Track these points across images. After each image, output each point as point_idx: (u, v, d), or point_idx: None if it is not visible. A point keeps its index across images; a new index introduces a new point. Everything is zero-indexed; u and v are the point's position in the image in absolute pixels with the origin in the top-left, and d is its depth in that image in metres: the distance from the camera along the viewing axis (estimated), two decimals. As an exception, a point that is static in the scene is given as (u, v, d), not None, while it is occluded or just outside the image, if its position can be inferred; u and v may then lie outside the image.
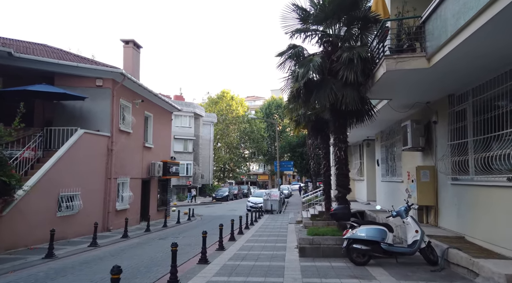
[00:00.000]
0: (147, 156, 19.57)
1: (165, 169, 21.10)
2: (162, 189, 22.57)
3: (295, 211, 28.71)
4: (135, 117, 17.95)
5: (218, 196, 43.03)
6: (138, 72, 19.55)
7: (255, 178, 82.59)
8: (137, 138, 18.40)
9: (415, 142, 11.39)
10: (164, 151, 22.46)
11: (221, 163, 63.60)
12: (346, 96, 9.28)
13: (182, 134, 45.87)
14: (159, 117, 21.49)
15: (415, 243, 7.90)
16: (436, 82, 8.79)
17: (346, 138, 10.41)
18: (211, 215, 26.73)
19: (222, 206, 35.51)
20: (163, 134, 22.17)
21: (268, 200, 27.01)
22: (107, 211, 15.24)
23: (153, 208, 20.54)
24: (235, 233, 14.85)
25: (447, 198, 10.12)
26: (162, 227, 17.82)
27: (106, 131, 15.43)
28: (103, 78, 15.42)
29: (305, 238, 9.36)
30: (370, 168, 21.15)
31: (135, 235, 14.69)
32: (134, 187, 17.94)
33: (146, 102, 19.47)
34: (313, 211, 19.72)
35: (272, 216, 24.29)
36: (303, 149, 41.90)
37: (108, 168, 15.39)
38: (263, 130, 67.29)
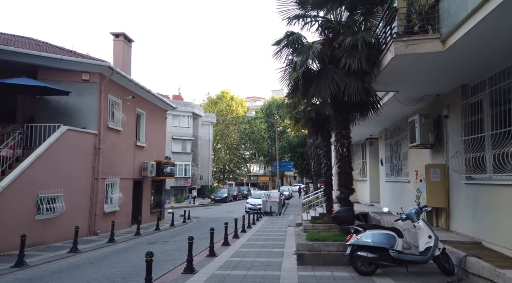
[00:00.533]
0: (139, 156, 18.65)
1: (158, 169, 20.17)
2: (156, 190, 21.63)
3: (296, 213, 27.76)
4: (126, 114, 17.04)
5: (217, 198, 42.06)
6: (130, 67, 18.65)
7: (256, 179, 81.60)
8: (128, 136, 17.48)
9: (424, 138, 10.44)
10: (159, 151, 21.53)
11: (221, 164, 62.69)
12: (349, 86, 8.35)
13: (180, 134, 44.95)
14: (153, 115, 20.58)
15: (428, 250, 6.96)
16: (449, 69, 7.86)
17: (349, 134, 9.48)
18: (208, 217, 25.80)
19: (221, 208, 34.57)
20: (157, 133, 21.25)
21: (267, 202, 26.07)
22: (94, 214, 14.31)
23: (146, 210, 19.62)
24: (230, 237, 13.93)
25: (461, 199, 9.18)
26: (154, 230, 16.89)
27: (93, 128, 14.52)
28: (90, 72, 14.51)
29: (303, 244, 8.42)
30: (373, 167, 20.21)
31: (123, 239, 13.75)
32: (124, 188, 17.02)
33: (138, 99, 18.55)
34: (314, 213, 18.77)
35: (271, 218, 23.35)
36: (304, 149, 40.96)
37: (95, 168, 14.46)
38: (264, 131, 66.37)
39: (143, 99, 19.24)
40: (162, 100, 20.98)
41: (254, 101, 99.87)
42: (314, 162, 24.48)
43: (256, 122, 65.64)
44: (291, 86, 9.77)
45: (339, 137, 9.35)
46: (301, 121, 15.33)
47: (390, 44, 7.28)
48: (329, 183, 14.54)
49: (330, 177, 14.54)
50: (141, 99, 18.93)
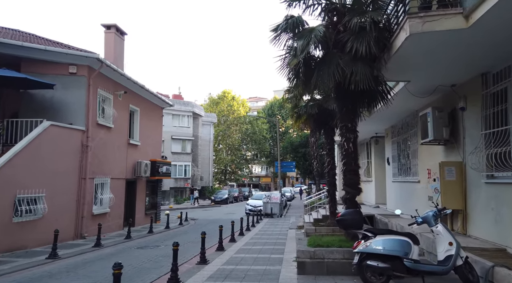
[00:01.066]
0: (132, 154, 17.74)
1: (153, 168, 19.24)
2: (152, 191, 20.71)
3: (297, 214, 26.78)
4: (118, 111, 16.13)
5: (217, 199, 41.07)
6: (122, 61, 17.74)
7: (258, 181, 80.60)
8: (120, 134, 16.57)
9: (438, 133, 9.48)
10: (154, 150, 20.62)
11: (222, 164, 61.74)
12: (356, 72, 7.39)
13: (180, 134, 44.04)
14: (147, 113, 19.66)
15: (449, 258, 5.99)
16: (470, 52, 6.90)
17: (355, 128, 8.51)
18: (206, 218, 24.86)
19: (220, 209, 33.62)
20: (152, 131, 20.34)
21: (268, 203, 25.12)
22: (81, 216, 13.39)
23: (140, 212, 18.69)
24: (226, 240, 13.00)
25: (480, 200, 8.20)
26: (147, 233, 15.96)
27: (81, 125, 13.61)
28: (77, 65, 13.60)
29: (305, 251, 7.46)
30: (379, 167, 19.24)
31: (111, 243, 12.82)
32: (116, 188, 16.10)
33: (131, 95, 17.64)
34: (317, 215, 17.80)
35: (272, 220, 22.39)
36: (306, 149, 39.97)
37: (83, 167, 13.54)
38: (265, 132, 65.42)
39: (137, 95, 18.33)
40: (157, 97, 20.07)
41: (256, 101, 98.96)
42: (317, 161, 23.59)
43: (258, 122, 64.70)
44: (291, 74, 8.80)
45: (344, 131, 8.39)
46: (302, 118, 14.39)
47: (404, 22, 6.32)
48: (333, 183, 13.59)
49: (334, 177, 13.58)
50: (134, 95, 18.02)
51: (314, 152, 23.74)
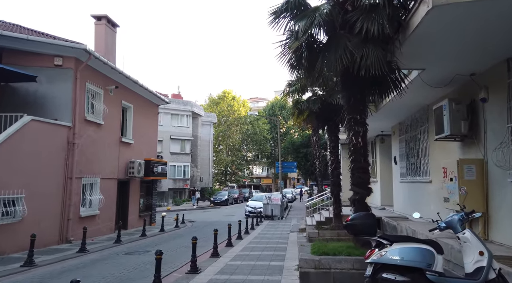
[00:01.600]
0: (125, 153, 16.82)
1: (148, 168, 18.31)
2: (147, 192, 19.78)
3: (299, 216, 25.83)
4: (109, 107, 15.22)
5: (217, 200, 40.09)
6: (114, 54, 16.81)
7: (258, 182, 79.62)
8: (112, 131, 15.66)
9: (455, 127, 8.51)
10: (149, 149, 19.70)
11: (222, 165, 60.78)
12: (367, 56, 6.46)
13: (179, 134, 43.11)
14: (142, 110, 18.75)
15: (479, 271, 5.02)
16: (499, 30, 5.98)
17: (364, 120, 7.58)
18: (204, 221, 23.93)
19: (220, 211, 32.68)
20: (147, 129, 19.42)
21: (269, 204, 24.16)
22: (67, 218, 12.46)
23: (133, 214, 17.76)
24: (222, 245, 12.08)
25: (506, 201, 7.25)
26: (140, 236, 15.02)
27: (67, 121, 12.69)
28: (63, 57, 12.70)
29: (308, 259, 6.53)
30: (385, 167, 18.29)
31: (98, 248, 11.89)
32: (107, 189, 15.18)
33: (124, 90, 16.74)
34: (319, 217, 16.86)
35: (273, 223, 21.44)
36: (308, 150, 38.99)
37: (69, 165, 12.62)
38: (266, 132, 64.44)
39: (130, 91, 17.41)
40: (152, 94, 19.14)
41: (256, 102, 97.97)
42: (319, 161, 22.64)
43: (259, 123, 63.75)
44: (293, 61, 7.86)
45: (353, 124, 7.46)
46: (304, 114, 13.47)
47: (426, -8, 5.39)
48: (337, 183, 12.66)
49: (338, 177, 12.66)
50: (127, 91, 17.11)
51: (317, 151, 22.76)
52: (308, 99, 12.84)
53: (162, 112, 42.21)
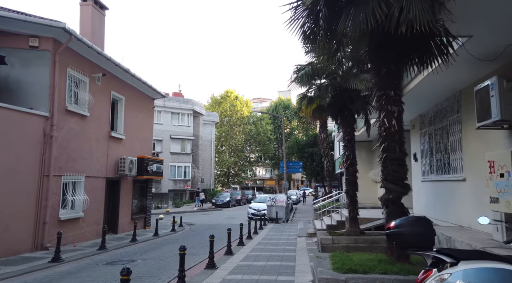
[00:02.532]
0: (115, 149, 15.23)
1: (141, 166, 16.70)
2: (140, 193, 18.17)
3: (305, 219, 24.16)
4: (96, 97, 13.65)
5: (218, 202, 38.39)
6: (102, 39, 15.21)
7: (262, 183, 77.92)
8: (99, 125, 14.08)
9: (507, 111, 6.86)
10: (143, 145, 18.10)
11: (225, 166, 59.13)
12: (410, 7, 4.82)
13: (179, 133, 41.54)
14: (135, 103, 17.16)
15: None
16: None
17: (400, 97, 5.93)
18: (204, 224, 22.30)
19: (221, 213, 31.01)
20: (140, 124, 17.82)
21: (273, 206, 22.51)
22: (42, 221, 10.85)
23: (125, 216, 16.14)
24: (221, 252, 10.47)
25: None
26: (130, 242, 13.41)
27: (44, 110, 11.11)
28: (39, 37, 11.13)
29: (331, 280, 4.88)
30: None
31: (77, 256, 10.28)
32: (93, 189, 13.60)
33: (114, 80, 15.17)
34: (330, 220, 15.21)
35: (278, 226, 19.77)
36: (313, 149, 37.25)
37: (45, 161, 11.01)
38: (270, 132, 62.79)
39: (121, 82, 15.83)
40: (146, 85, 17.52)
41: (260, 102, 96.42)
42: (328, 160, 20.96)
43: (262, 123, 62.17)
44: (306, 27, 6.20)
45: (385, 102, 5.82)
46: (315, 102, 11.83)
47: None
48: (353, 181, 10.98)
49: (355, 174, 10.98)
50: (117, 81, 15.53)
51: (325, 150, 21.10)
52: (320, 85, 11.20)
53: (162, 110, 40.80)
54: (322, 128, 21.00)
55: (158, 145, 39.89)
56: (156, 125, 40.51)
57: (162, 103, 40.78)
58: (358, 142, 21.96)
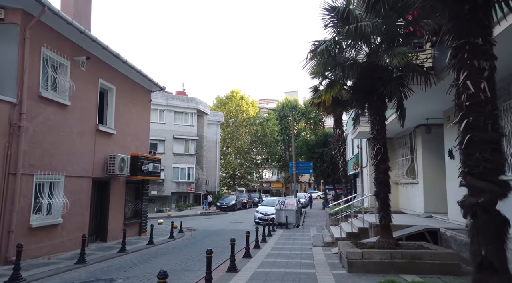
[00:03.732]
0: (104, 145, 13.38)
1: (135, 165, 14.82)
2: (135, 195, 16.28)
3: (317, 224, 22.13)
4: (80, 84, 11.81)
5: (224, 205, 36.39)
6: (88, 20, 13.28)
7: (268, 186, 75.87)
8: (84, 116, 12.22)
9: None
10: (138, 142, 16.22)
11: (230, 169, 57.20)
12: None
13: (183, 133, 39.69)
14: (128, 94, 15.31)
15: None
16: None
17: (492, 48, 3.95)
18: (207, 229, 20.36)
19: (226, 217, 29.05)
20: (135, 118, 15.95)
21: (282, 210, 20.53)
22: (7, 230, 8.96)
23: (116, 222, 14.24)
24: (223, 267, 8.55)
25: None
26: (118, 252, 11.51)
27: (10, 95, 9.25)
28: (6, 8, 9.28)
29: None
30: (430, 164, 14.60)
31: (46, 272, 8.37)
32: (76, 191, 11.74)
33: (102, 66, 13.34)
34: (349, 227, 13.21)
35: (288, 232, 17.78)
36: (324, 149, 35.16)
37: (11, 156, 9.14)
38: (277, 134, 60.83)
39: (111, 69, 13.98)
40: (141, 75, 15.62)
41: (266, 103, 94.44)
42: (343, 160, 18.96)
43: (269, 124, 60.22)
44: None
45: (468, 56, 3.86)
46: (336, 86, 9.85)
47: None
48: (384, 181, 9.00)
49: (386, 172, 9.01)
50: (107, 68, 13.68)
51: (340, 147, 19.08)
52: (343, 64, 9.21)
53: (165, 109, 39.01)
54: (337, 124, 19.01)
55: (160, 145, 38.10)
56: (159, 125, 38.88)
57: (165, 102, 39.03)
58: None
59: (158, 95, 38.87)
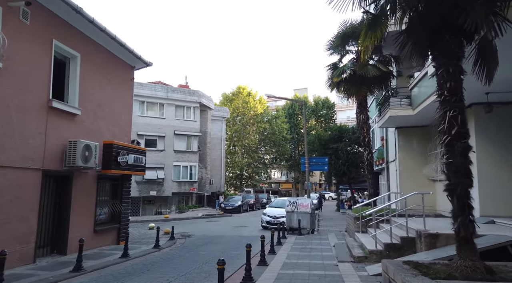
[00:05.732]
0: (62, 128, 10.21)
1: (107, 156, 11.65)
2: (112, 194, 13.09)
3: (335, 229, 18.78)
4: (21, 42, 8.70)
5: (228, 206, 33.06)
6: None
7: (277, 187, 72.52)
8: (27, 86, 9.06)
9: None
10: (116, 128, 13.03)
11: (237, 168, 53.96)
12: None
13: (184, 129, 36.53)
14: (101, 67, 12.14)
15: None
16: None
17: None
18: (205, 234, 17.15)
19: (230, 220, 25.76)
20: (111, 98, 12.75)
21: (294, 213, 17.23)
22: None
23: (82, 228, 11.02)
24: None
25: None
26: (71, 271, 8.33)
27: None
28: None
29: None
30: (490, 154, 11.19)
31: None
32: (14, 186, 8.59)
33: (59, 24, 10.20)
34: (387, 236, 9.84)
35: (301, 240, 14.48)
36: (339, 145, 31.67)
37: None
38: (286, 132, 57.45)
39: (75, 31, 10.83)
40: (117, 42, 12.33)
41: (275, 101, 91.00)
42: (369, 151, 15.57)
43: (277, 121, 56.85)
44: None
45: None
46: (381, 27, 6.49)
47: None
48: (462, 168, 5.65)
49: (466, 155, 5.66)
50: (67, 29, 10.52)
51: (365, 136, 15.70)
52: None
53: (165, 103, 35.84)
54: (361, 108, 15.65)
55: (160, 142, 35.01)
56: (158, 119, 35.73)
57: (165, 94, 35.93)
58: (406, 128, 16.51)
59: (157, 87, 35.82)
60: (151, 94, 35.28)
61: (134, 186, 33.42)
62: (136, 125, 34.15)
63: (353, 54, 16.46)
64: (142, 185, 33.90)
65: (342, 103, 74.16)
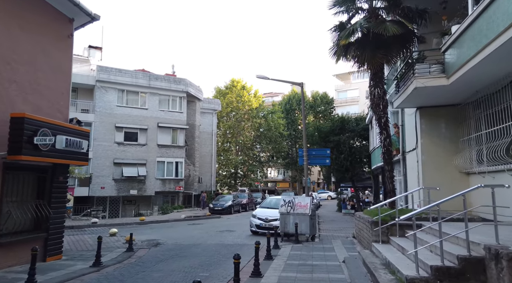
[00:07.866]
0: None
1: (16, 135, 7.99)
2: (36, 191, 9.41)
3: (340, 234, 15.21)
4: None
5: (217, 207, 29.29)
6: None
7: (274, 186, 68.94)
8: None
9: None
10: (39, 99, 9.32)
11: (231, 166, 50.33)
12: None
13: (169, 121, 32.87)
14: (9, 5, 8.48)
15: None
16: None
17: None
18: (178, 243, 13.53)
19: (216, 223, 22.04)
20: (32, 56, 9.08)
21: (290, 215, 13.66)
22: None
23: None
24: None
25: None
26: None
27: None
28: None
29: None
30: None
31: None
32: None
33: None
34: (428, 253, 6.23)
35: (299, 251, 10.85)
36: (341, 137, 28.04)
37: None
38: (282, 128, 53.93)
39: None
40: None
41: (271, 97, 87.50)
42: (386, 135, 11.81)
43: (274, 117, 53.35)
44: None
45: None
46: None
47: None
48: None
49: None
50: None
51: (382, 116, 12.06)
52: None
53: (148, 92, 31.98)
54: (376, 80, 12.07)
55: (142, 135, 31.30)
56: (139, 110, 31.88)
57: (147, 83, 32.19)
58: (431, 108, 12.91)
59: (139, 74, 32.05)
60: (131, 82, 31.55)
61: (111, 184, 29.76)
62: (114, 117, 30.52)
63: (365, 12, 12.88)
64: (121, 183, 30.20)
65: (341, 99, 70.70)
